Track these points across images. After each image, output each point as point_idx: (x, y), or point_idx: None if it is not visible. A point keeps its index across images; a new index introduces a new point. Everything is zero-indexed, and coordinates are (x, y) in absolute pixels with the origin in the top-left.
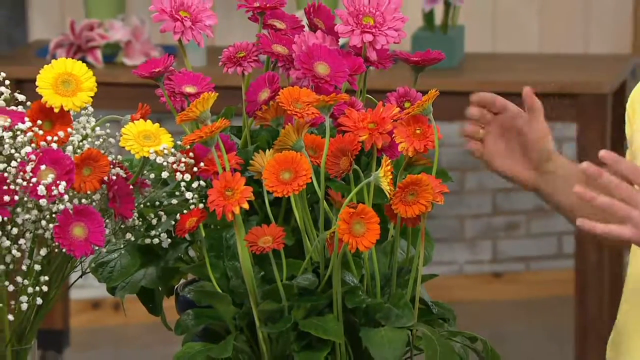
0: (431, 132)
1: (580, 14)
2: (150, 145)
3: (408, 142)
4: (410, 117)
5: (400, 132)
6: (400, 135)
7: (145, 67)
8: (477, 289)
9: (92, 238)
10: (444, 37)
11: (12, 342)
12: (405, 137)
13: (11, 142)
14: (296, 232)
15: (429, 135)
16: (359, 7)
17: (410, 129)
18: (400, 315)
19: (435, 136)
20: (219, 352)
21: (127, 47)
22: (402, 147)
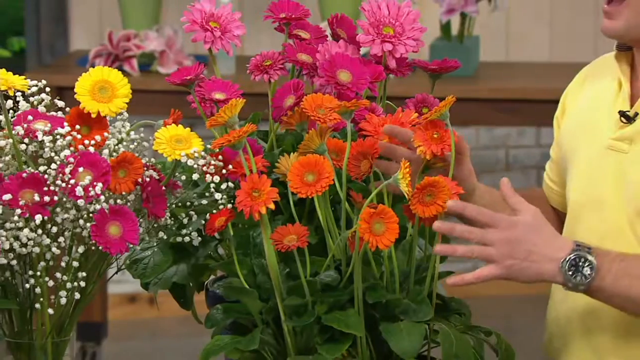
0: (448, 136)
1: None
2: (181, 148)
3: (426, 146)
4: (428, 122)
5: (418, 136)
6: (418, 139)
7: (178, 75)
8: (491, 285)
9: (127, 236)
10: (460, 46)
11: (52, 334)
12: (423, 140)
13: (51, 145)
14: (319, 231)
15: (446, 140)
16: (380, 18)
17: (428, 134)
18: (418, 310)
19: (452, 139)
20: (246, 345)
21: (162, 56)
22: (420, 150)
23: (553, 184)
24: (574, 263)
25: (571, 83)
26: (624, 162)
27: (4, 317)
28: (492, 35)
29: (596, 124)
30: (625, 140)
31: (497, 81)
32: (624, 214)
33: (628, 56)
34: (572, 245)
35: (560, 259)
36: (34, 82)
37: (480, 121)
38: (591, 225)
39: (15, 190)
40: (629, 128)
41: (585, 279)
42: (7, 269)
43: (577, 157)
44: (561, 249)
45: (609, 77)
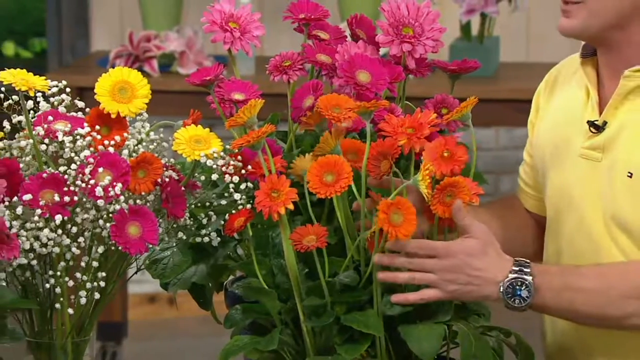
0: (460, 153)
1: None
2: (201, 149)
3: (435, 166)
4: (441, 138)
5: (428, 155)
6: (427, 158)
7: (197, 75)
8: None
9: (147, 236)
10: (480, 47)
11: (72, 334)
12: (432, 159)
13: (71, 146)
14: (338, 232)
15: (457, 158)
16: (399, 18)
17: (438, 151)
18: (437, 310)
19: (473, 140)
20: (265, 345)
21: (182, 57)
22: (430, 169)
23: (529, 188)
24: (510, 286)
25: (541, 84)
26: (598, 170)
27: (24, 317)
28: (512, 36)
29: (568, 133)
30: (597, 149)
31: (517, 82)
32: (600, 220)
33: (594, 62)
34: (510, 267)
35: (499, 282)
36: (55, 83)
37: (500, 122)
38: (570, 231)
39: (36, 191)
40: (600, 137)
41: (524, 301)
42: (28, 269)
43: (552, 164)
44: (501, 271)
45: (577, 83)
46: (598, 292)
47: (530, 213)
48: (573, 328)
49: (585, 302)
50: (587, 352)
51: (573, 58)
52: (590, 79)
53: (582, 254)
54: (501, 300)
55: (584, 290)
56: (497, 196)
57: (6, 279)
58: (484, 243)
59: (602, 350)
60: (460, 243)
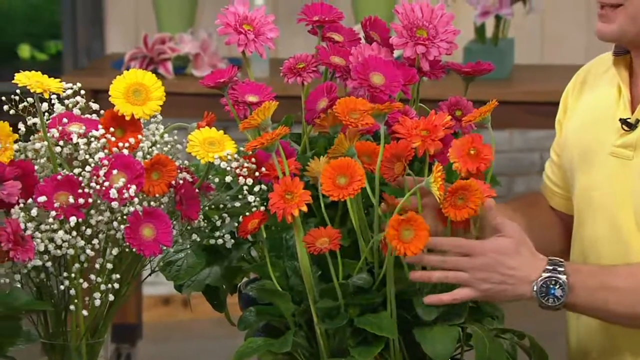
0: (486, 152)
1: None
2: (214, 151)
3: (462, 163)
4: (467, 136)
5: (454, 152)
6: (454, 155)
7: (211, 77)
8: None
9: (161, 238)
10: (494, 49)
11: (87, 336)
12: (458, 157)
13: (86, 148)
14: (352, 234)
15: (483, 156)
16: (413, 20)
17: (465, 149)
18: (451, 313)
19: (492, 142)
20: (279, 347)
21: (196, 59)
22: (455, 167)
23: (556, 187)
24: (544, 286)
25: (570, 83)
26: (629, 169)
27: (39, 319)
28: (527, 38)
29: (599, 131)
30: (628, 147)
31: (532, 84)
32: (632, 220)
33: (626, 60)
34: (543, 266)
35: (533, 281)
36: (69, 85)
37: (515, 124)
38: (598, 232)
39: (50, 193)
40: (632, 135)
41: (558, 300)
42: (42, 271)
43: (581, 165)
44: (535, 270)
45: (608, 82)
46: (631, 291)
47: (555, 211)
48: (601, 328)
49: (618, 301)
50: (616, 352)
51: (603, 57)
52: (622, 77)
53: (610, 254)
54: (535, 300)
55: (617, 289)
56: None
57: (21, 281)
58: (517, 242)
59: (632, 349)
60: (494, 242)
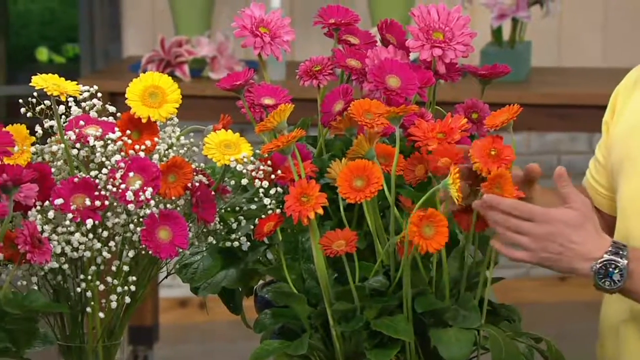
0: (507, 153)
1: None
2: (230, 153)
3: (483, 163)
4: (488, 137)
5: (476, 152)
6: (475, 155)
7: (227, 80)
8: (543, 291)
9: (177, 241)
10: (511, 51)
11: (103, 338)
12: (480, 157)
13: (102, 150)
14: (368, 237)
15: (504, 157)
16: (430, 23)
17: (486, 149)
18: (468, 316)
19: (513, 145)
20: (295, 349)
21: (213, 62)
22: (476, 167)
23: (600, 186)
24: (604, 268)
25: (620, 84)
26: None
27: (55, 321)
28: (544, 40)
29: None
30: None
31: (549, 86)
32: None
33: None
34: (607, 247)
35: (592, 260)
36: (86, 88)
37: (532, 127)
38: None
39: (67, 195)
40: None
41: (614, 284)
42: (59, 273)
43: (629, 166)
44: (597, 249)
45: None
46: None
47: (597, 209)
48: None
49: None
50: None
51: None
52: None
53: None
54: (590, 278)
55: None
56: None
57: (38, 283)
58: (584, 216)
59: None
60: (561, 212)
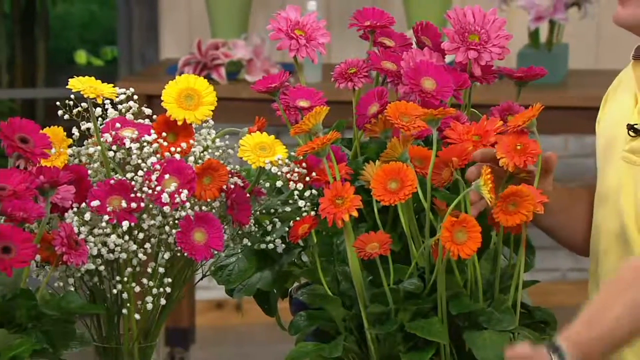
0: (532, 147)
1: None
2: (265, 156)
3: (509, 157)
4: (513, 132)
5: (501, 147)
6: (501, 150)
7: (262, 82)
8: (579, 295)
9: (212, 243)
10: (548, 54)
11: (139, 339)
12: (506, 152)
13: (138, 152)
14: (403, 239)
15: (530, 151)
16: (465, 26)
17: (511, 144)
18: (502, 319)
19: (539, 150)
20: (330, 352)
21: (249, 64)
22: (502, 162)
23: None
24: None
25: (609, 88)
26: (637, 173)
27: (92, 322)
28: (581, 43)
29: (615, 137)
30: (636, 152)
31: (587, 89)
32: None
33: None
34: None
35: None
36: (122, 90)
37: (570, 129)
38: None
39: (103, 197)
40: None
41: None
42: (96, 275)
43: (601, 167)
44: None
45: (629, 89)
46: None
47: None
48: None
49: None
50: None
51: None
52: (638, 83)
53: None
54: None
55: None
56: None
57: (75, 284)
58: None
59: None
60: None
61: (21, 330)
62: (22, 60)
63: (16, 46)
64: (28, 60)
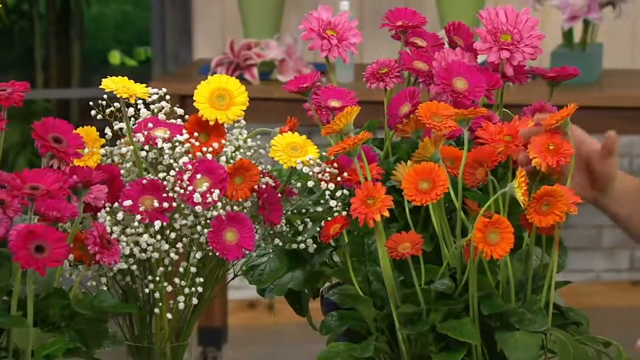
0: (565, 147)
1: None
2: (297, 156)
3: (541, 158)
4: (545, 132)
5: (534, 147)
6: (533, 151)
7: (294, 82)
8: (613, 296)
9: (243, 243)
10: (582, 53)
11: (171, 338)
12: (538, 152)
13: (170, 152)
14: (434, 239)
15: (563, 151)
16: (498, 25)
17: (544, 144)
18: (534, 320)
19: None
20: (361, 352)
21: (282, 64)
22: (535, 162)
23: None
24: None
25: None
26: None
27: (124, 321)
28: (616, 42)
29: None
30: None
31: (621, 89)
32: None
33: None
34: None
35: None
36: (155, 90)
37: (604, 129)
38: None
39: (136, 197)
40: None
41: None
42: (128, 274)
43: None
44: None
45: None
46: None
47: None
48: None
49: None
50: None
51: None
52: None
53: None
54: None
55: None
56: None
57: (107, 284)
58: None
59: None
60: None
61: (54, 329)
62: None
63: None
64: (63, 61)
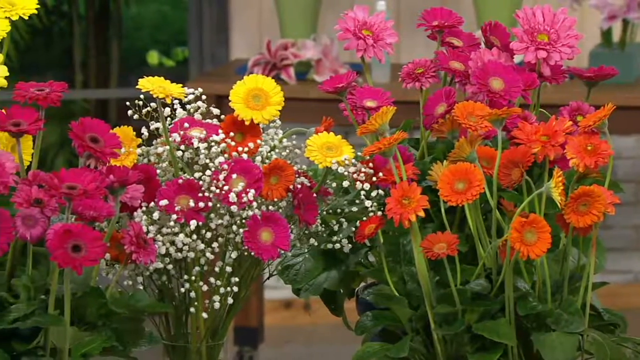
0: (603, 148)
1: None
2: (332, 155)
3: (579, 158)
4: (583, 132)
5: (571, 148)
6: (571, 151)
7: (330, 82)
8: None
9: (279, 242)
10: (621, 53)
11: (206, 338)
12: (576, 152)
13: (206, 152)
14: (470, 239)
15: (600, 152)
16: (534, 25)
17: (582, 145)
18: (570, 320)
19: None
20: (396, 352)
21: (318, 64)
22: (573, 162)
23: None
24: None
25: None
26: None
27: (161, 321)
28: None
29: None
30: None
31: None
32: None
33: None
34: None
35: None
36: (191, 90)
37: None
38: None
39: (172, 196)
40: None
41: None
42: (164, 273)
43: None
44: None
45: None
46: None
47: None
48: None
49: None
50: None
51: None
52: None
53: None
54: None
55: None
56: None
57: (143, 283)
58: None
59: None
60: None
61: (91, 327)
62: (96, 61)
63: (90, 47)
64: (101, 61)
